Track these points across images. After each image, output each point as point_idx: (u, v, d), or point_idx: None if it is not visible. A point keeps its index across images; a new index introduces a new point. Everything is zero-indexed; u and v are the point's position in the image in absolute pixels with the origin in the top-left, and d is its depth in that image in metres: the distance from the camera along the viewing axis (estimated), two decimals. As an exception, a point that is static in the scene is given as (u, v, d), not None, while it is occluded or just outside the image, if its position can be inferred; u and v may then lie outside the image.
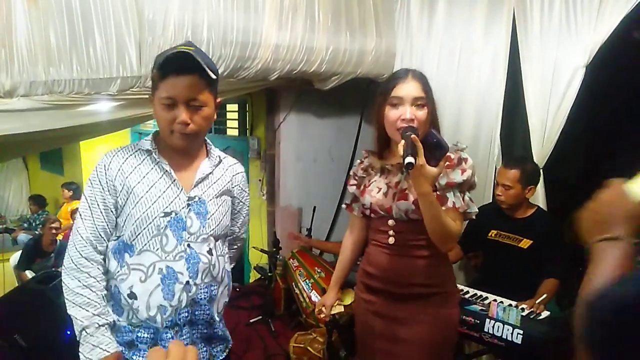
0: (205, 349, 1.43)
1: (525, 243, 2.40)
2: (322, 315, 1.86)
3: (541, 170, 2.76)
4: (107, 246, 1.33)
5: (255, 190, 4.05)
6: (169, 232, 1.30)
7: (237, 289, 3.70)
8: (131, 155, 1.33)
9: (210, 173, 1.40)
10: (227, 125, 4.45)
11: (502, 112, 2.96)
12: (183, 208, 1.32)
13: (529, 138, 2.80)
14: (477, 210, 1.54)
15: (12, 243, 5.97)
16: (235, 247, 1.65)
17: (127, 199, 1.29)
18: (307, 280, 3.17)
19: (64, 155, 6.96)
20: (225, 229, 1.45)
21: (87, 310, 1.27)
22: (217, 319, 1.44)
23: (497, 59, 2.94)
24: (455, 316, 1.61)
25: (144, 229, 1.29)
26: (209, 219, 1.36)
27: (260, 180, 3.99)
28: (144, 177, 1.31)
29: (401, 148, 1.31)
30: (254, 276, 4.04)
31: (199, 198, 1.35)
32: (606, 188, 0.82)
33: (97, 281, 1.29)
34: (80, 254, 1.28)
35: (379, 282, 1.59)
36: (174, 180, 1.33)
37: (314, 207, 3.81)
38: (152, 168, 1.32)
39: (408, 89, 1.46)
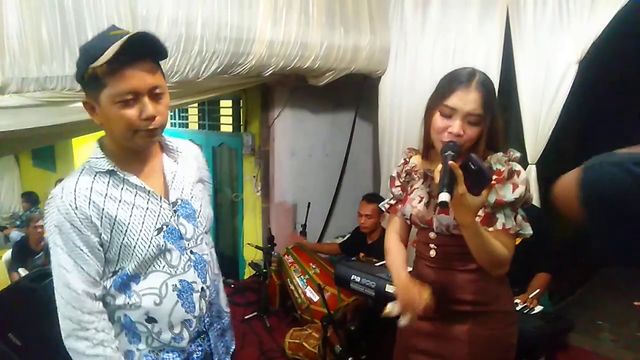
0: (222, 344, 1.38)
1: (517, 239, 2.41)
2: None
3: (535, 166, 2.78)
4: (104, 286, 1.17)
5: (250, 186, 4.05)
6: (170, 246, 1.19)
7: (232, 285, 3.70)
8: (93, 181, 1.13)
9: (177, 169, 1.26)
10: (221, 122, 4.44)
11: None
12: (172, 217, 1.20)
13: (522, 134, 2.82)
14: (531, 232, 1.35)
15: (5, 240, 5.94)
16: None
17: (111, 231, 1.12)
18: (302, 277, 3.18)
19: (56, 152, 6.91)
20: (211, 219, 1.33)
21: None
22: (226, 310, 1.41)
23: (490, 56, 2.96)
24: (505, 338, 1.43)
25: (146, 254, 1.15)
26: (198, 217, 1.26)
27: (254, 176, 3.98)
28: (120, 201, 1.13)
29: (437, 174, 1.16)
30: (248, 272, 4.04)
31: (181, 200, 1.23)
32: None
33: (107, 333, 1.15)
34: (82, 311, 1.12)
35: None
36: (150, 192, 1.18)
37: (309, 203, 3.81)
38: (122, 188, 1.15)
39: (465, 101, 1.26)
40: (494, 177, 1.27)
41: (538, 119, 2.74)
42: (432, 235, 1.41)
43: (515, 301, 2.13)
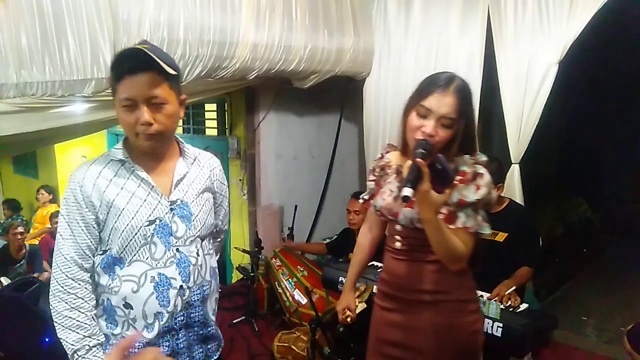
0: (201, 350, 1.42)
1: (501, 236, 2.44)
2: (349, 319, 1.77)
3: (518, 165, 2.82)
4: (93, 262, 1.29)
5: (236, 190, 4.03)
6: (157, 239, 1.28)
7: (220, 290, 3.68)
8: (104, 167, 1.28)
9: (187, 173, 1.36)
10: (206, 125, 4.41)
11: (479, 109, 3.00)
12: (167, 213, 1.29)
13: (505, 133, 2.86)
14: (490, 232, 1.41)
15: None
16: (219, 239, 1.62)
17: (107, 213, 1.25)
18: (289, 279, 3.17)
19: (38, 159, 6.79)
20: (210, 227, 1.41)
21: (78, 333, 1.24)
22: (212, 318, 1.44)
23: (473, 56, 2.99)
24: (468, 326, 1.48)
25: (131, 240, 1.26)
26: (193, 220, 1.33)
27: (240, 180, 3.97)
28: (121, 188, 1.26)
29: (406, 170, 1.23)
30: (236, 276, 4.02)
31: (181, 201, 1.32)
32: None
33: (85, 302, 1.26)
34: (66, 275, 1.25)
35: (390, 288, 1.53)
36: (152, 187, 1.29)
37: (295, 206, 3.81)
38: (128, 177, 1.28)
39: (441, 104, 1.32)
40: (459, 177, 1.34)
41: (520, 119, 2.78)
42: (398, 227, 1.48)
43: (482, 294, 2.17)
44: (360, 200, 1.68)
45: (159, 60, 1.18)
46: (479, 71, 2.97)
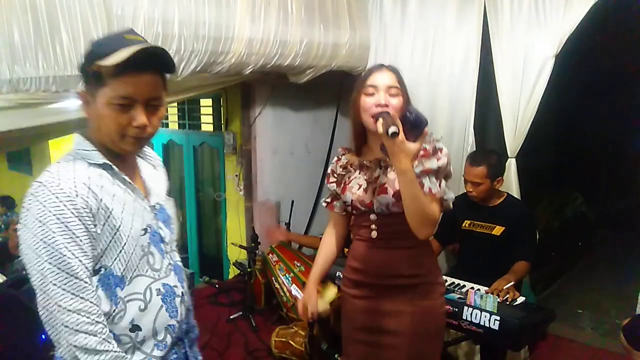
0: (192, 355, 1.35)
1: (498, 230, 2.45)
2: (310, 318, 1.77)
3: (514, 159, 2.82)
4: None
5: (232, 185, 4.02)
6: (153, 248, 1.18)
7: (217, 286, 3.68)
8: (91, 171, 1.09)
9: (152, 174, 1.28)
10: (202, 121, 4.39)
11: (475, 103, 3.00)
12: (153, 219, 1.19)
13: (501, 128, 2.86)
14: (454, 197, 1.54)
15: (-19, 246, 5.77)
16: None
17: (104, 225, 1.07)
18: (287, 275, 3.17)
19: (33, 155, 6.75)
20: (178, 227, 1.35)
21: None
22: (194, 319, 1.39)
23: (469, 51, 2.98)
24: (439, 307, 1.61)
25: (132, 254, 1.12)
26: (172, 223, 1.27)
27: (236, 175, 3.96)
28: (113, 195, 1.10)
29: (380, 126, 1.31)
30: (233, 272, 4.02)
31: (159, 204, 1.24)
32: None
33: (107, 327, 1.08)
34: (91, 302, 1.03)
35: (364, 276, 1.59)
36: (135, 190, 1.16)
37: (292, 201, 3.80)
38: (114, 184, 1.12)
39: (382, 77, 1.51)
40: (421, 152, 1.43)
41: (517, 113, 2.78)
42: (372, 217, 1.56)
43: (480, 287, 2.21)
44: (323, 204, 1.77)
45: (173, 63, 1.11)
46: (475, 65, 2.96)
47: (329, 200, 1.73)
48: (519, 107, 2.77)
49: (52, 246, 1.00)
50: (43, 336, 2.52)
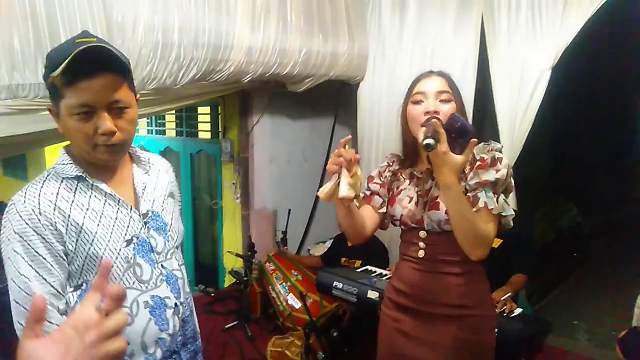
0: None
1: (496, 242, 2.45)
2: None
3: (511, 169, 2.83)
4: (67, 301, 1.07)
5: (229, 193, 4.01)
6: (140, 259, 1.13)
7: (212, 294, 3.65)
8: (59, 187, 1.07)
9: (147, 180, 1.22)
10: (199, 128, 4.39)
11: (473, 113, 3.02)
12: (142, 229, 1.15)
13: (498, 138, 2.87)
14: (514, 214, 1.36)
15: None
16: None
17: (76, 240, 1.05)
18: (283, 284, 3.16)
19: (28, 160, 6.71)
20: (182, 234, 1.30)
21: None
22: (197, 329, 1.35)
23: (467, 61, 3.01)
24: (489, 344, 1.45)
25: (112, 267, 1.08)
26: (169, 231, 1.21)
27: (233, 183, 3.95)
28: (87, 209, 1.07)
29: (421, 134, 1.19)
30: (228, 280, 4.00)
31: (152, 212, 1.18)
32: None
33: None
34: (50, 322, 1.01)
35: (408, 300, 1.45)
36: (119, 201, 1.12)
37: (289, 210, 3.80)
38: (90, 195, 1.09)
39: (431, 83, 1.38)
40: (478, 163, 1.32)
41: (514, 123, 2.80)
42: (422, 234, 1.41)
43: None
44: (361, 195, 1.52)
45: (123, 60, 1.04)
46: (472, 76, 2.99)
47: (367, 193, 1.53)
48: (516, 117, 2.79)
49: (15, 265, 1.01)
50: None
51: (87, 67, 0.99)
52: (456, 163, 1.20)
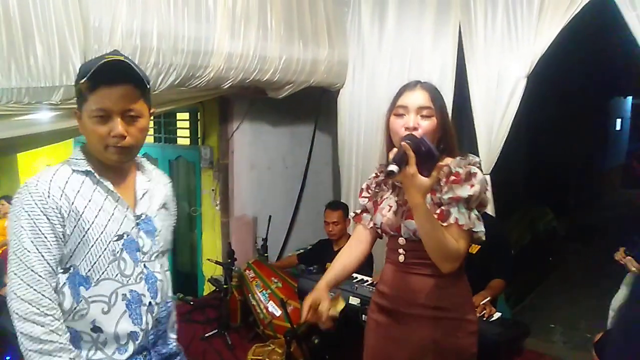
0: None
1: (474, 248, 2.48)
2: (323, 324, 1.46)
3: (489, 175, 2.88)
4: (57, 282, 1.17)
5: (209, 200, 3.97)
6: (125, 255, 1.22)
7: (191, 302, 3.60)
8: (69, 177, 1.19)
9: (148, 187, 1.33)
10: (178, 135, 4.34)
11: (451, 120, 3.06)
12: (133, 228, 1.25)
13: (476, 145, 2.92)
14: (484, 230, 1.38)
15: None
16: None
17: (74, 227, 1.16)
18: (264, 291, 3.13)
19: (0, 168, 6.54)
20: (170, 243, 1.40)
21: (61, 357, 1.12)
22: (172, 335, 1.40)
23: (445, 69, 3.06)
24: (467, 348, 1.44)
25: (100, 256, 1.18)
26: (157, 236, 1.31)
27: (213, 190, 3.91)
28: (89, 200, 1.19)
29: (391, 155, 1.23)
30: (207, 289, 3.95)
31: (145, 215, 1.29)
32: None
33: (61, 323, 1.14)
34: (43, 295, 1.12)
35: (388, 301, 1.49)
36: (119, 199, 1.24)
37: (270, 217, 3.78)
38: (94, 189, 1.21)
39: (414, 97, 1.39)
40: (452, 178, 1.35)
41: (491, 131, 2.85)
42: (400, 241, 1.45)
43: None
44: (352, 214, 1.65)
45: (140, 75, 1.18)
46: (450, 84, 3.03)
47: (358, 211, 1.61)
48: (493, 125, 2.84)
49: (19, 239, 1.13)
50: (7, 358, 2.41)
51: (109, 77, 1.15)
52: (422, 185, 1.24)
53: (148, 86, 1.23)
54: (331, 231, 3.12)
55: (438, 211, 1.35)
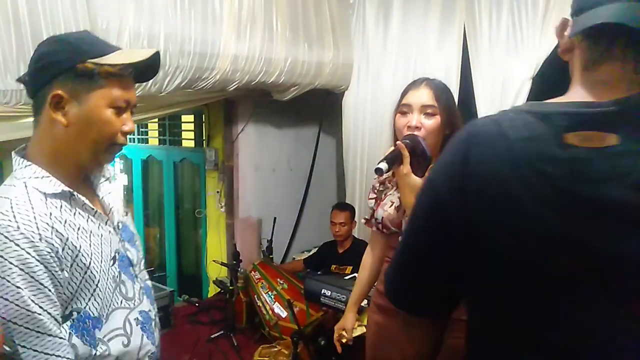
0: None
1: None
2: (344, 340, 1.71)
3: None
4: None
5: (213, 202, 3.98)
6: (124, 276, 1.07)
7: (197, 304, 3.60)
8: (47, 205, 0.94)
9: (109, 188, 1.15)
10: (183, 137, 4.36)
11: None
12: (119, 242, 1.08)
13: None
14: None
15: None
16: None
17: (71, 265, 0.94)
18: (269, 292, 3.14)
19: (5, 169, 6.57)
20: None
21: None
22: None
23: (450, 71, 3.06)
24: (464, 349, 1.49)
25: (106, 289, 1.00)
26: (136, 240, 1.17)
27: (218, 192, 3.92)
28: (78, 228, 0.97)
29: (387, 153, 1.25)
30: (212, 290, 3.95)
31: (122, 223, 1.13)
32: None
33: None
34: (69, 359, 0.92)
35: (385, 300, 1.43)
36: (96, 214, 1.03)
37: (274, 218, 3.79)
38: (75, 213, 0.98)
39: (417, 95, 1.39)
40: None
41: (496, 133, 2.85)
42: (400, 238, 1.43)
43: None
44: (362, 221, 1.68)
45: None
46: (455, 85, 3.03)
47: (368, 217, 1.62)
48: (498, 127, 2.84)
49: (17, 304, 0.86)
50: None
51: (146, 69, 1.04)
52: (415, 185, 1.23)
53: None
54: (337, 232, 3.13)
55: None
